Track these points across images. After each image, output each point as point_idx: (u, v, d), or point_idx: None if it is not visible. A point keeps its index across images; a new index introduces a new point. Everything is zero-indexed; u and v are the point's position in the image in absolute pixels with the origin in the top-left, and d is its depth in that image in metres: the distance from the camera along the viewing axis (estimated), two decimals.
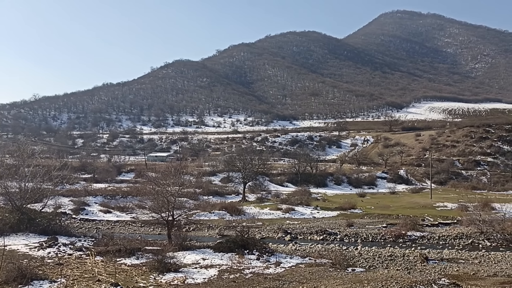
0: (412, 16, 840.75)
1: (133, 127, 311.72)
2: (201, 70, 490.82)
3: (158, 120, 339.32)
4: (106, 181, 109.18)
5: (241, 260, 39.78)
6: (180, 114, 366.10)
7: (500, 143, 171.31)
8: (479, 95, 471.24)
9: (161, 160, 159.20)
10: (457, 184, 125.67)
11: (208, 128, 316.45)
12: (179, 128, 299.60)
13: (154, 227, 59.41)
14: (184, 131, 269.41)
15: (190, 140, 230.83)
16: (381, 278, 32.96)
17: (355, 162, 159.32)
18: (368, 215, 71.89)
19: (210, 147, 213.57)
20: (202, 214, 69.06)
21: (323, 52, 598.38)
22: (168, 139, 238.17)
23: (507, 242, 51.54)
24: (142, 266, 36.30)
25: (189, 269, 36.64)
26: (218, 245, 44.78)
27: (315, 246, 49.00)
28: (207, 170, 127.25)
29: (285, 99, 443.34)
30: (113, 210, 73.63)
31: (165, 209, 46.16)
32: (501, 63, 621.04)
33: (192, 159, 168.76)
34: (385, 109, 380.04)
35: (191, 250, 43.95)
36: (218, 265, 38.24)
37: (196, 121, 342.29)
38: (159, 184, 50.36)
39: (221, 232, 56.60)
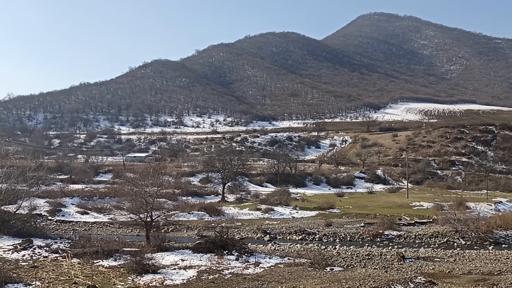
0: (389, 18, 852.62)
1: (111, 127, 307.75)
2: (180, 70, 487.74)
3: (137, 120, 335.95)
4: (83, 182, 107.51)
5: (220, 261, 39.73)
6: (159, 114, 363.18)
7: (474, 143, 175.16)
8: (454, 97, 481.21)
9: (140, 161, 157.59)
10: (433, 184, 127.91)
11: (187, 128, 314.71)
12: (157, 128, 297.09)
13: (132, 228, 58.80)
14: (162, 131, 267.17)
15: (169, 141, 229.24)
16: (359, 277, 33.36)
17: (333, 162, 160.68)
18: (346, 214, 72.63)
19: (189, 147, 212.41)
20: (181, 215, 68.63)
21: (302, 53, 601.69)
22: (147, 139, 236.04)
23: (481, 241, 52.76)
24: (120, 267, 35.90)
25: (168, 270, 36.40)
26: (197, 246, 44.61)
27: (294, 246, 49.26)
28: (186, 171, 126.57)
29: (265, 100, 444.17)
30: (90, 211, 72.60)
31: (143, 210, 45.73)
32: (475, 65, 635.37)
33: (171, 159, 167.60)
34: (363, 110, 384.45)
35: (170, 251, 43.67)
36: (197, 266, 38.09)
37: (175, 121, 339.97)
38: (137, 184, 49.85)
39: (200, 232, 56.39)
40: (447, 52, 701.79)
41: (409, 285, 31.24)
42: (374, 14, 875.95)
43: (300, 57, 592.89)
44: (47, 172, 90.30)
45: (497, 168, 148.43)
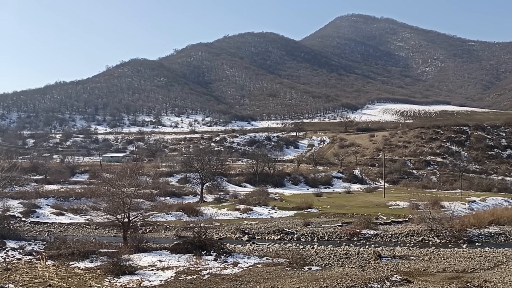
0: (366, 20, 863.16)
1: (88, 127, 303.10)
2: (158, 70, 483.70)
3: (114, 120, 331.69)
4: (58, 182, 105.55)
5: (198, 261, 39.60)
6: (137, 114, 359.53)
7: (448, 144, 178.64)
8: (429, 98, 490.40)
9: (117, 161, 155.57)
10: (409, 183, 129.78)
11: (165, 128, 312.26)
12: (135, 128, 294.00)
13: (109, 229, 58.10)
14: (140, 131, 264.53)
15: (147, 140, 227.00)
16: (337, 276, 33.71)
17: (312, 162, 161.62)
18: (324, 214, 73.17)
19: (167, 147, 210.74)
20: (159, 215, 68.12)
21: (281, 54, 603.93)
22: (124, 139, 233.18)
23: (455, 239, 53.87)
24: (97, 269, 35.47)
25: (145, 271, 36.13)
26: (175, 247, 44.39)
27: (273, 245, 49.43)
28: (164, 171, 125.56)
29: (243, 100, 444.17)
30: (66, 212, 71.33)
31: (120, 211, 45.28)
32: (450, 67, 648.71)
33: (148, 159, 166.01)
34: (341, 110, 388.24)
35: (148, 252, 43.36)
36: (175, 267, 37.89)
37: (153, 121, 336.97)
38: (115, 185, 49.33)
39: (178, 233, 56.06)
40: (423, 54, 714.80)
41: (385, 284, 31.72)
42: (351, 16, 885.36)
43: (278, 57, 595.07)
44: (21, 173, 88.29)
45: (470, 168, 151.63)
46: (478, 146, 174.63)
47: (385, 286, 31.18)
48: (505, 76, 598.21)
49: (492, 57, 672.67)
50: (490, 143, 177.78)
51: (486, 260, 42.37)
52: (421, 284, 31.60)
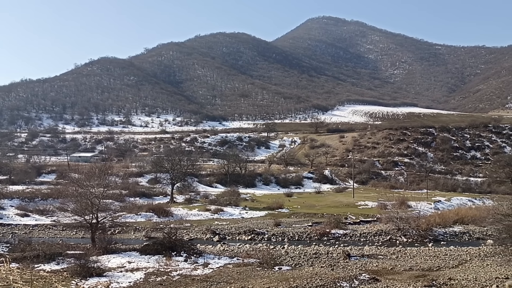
0: (337, 22, 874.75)
1: (55, 126, 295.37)
2: (128, 68, 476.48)
3: (82, 119, 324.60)
4: (24, 182, 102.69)
5: (168, 262, 39.30)
6: (106, 113, 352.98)
7: (415, 145, 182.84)
8: (397, 100, 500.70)
9: (85, 161, 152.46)
10: (377, 184, 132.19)
11: (135, 128, 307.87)
12: (104, 128, 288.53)
13: (77, 231, 56.98)
14: (110, 131, 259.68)
15: (116, 140, 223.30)
16: (307, 275, 34.04)
17: (283, 163, 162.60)
18: (295, 214, 73.71)
19: (137, 147, 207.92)
20: (128, 216, 67.21)
21: (253, 54, 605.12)
22: (93, 138, 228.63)
23: (421, 238, 55.21)
24: (63, 271, 34.73)
25: (114, 273, 35.60)
26: (145, 248, 43.91)
27: (243, 246, 49.50)
28: (134, 171, 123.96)
29: (215, 100, 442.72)
30: (31, 214, 69.46)
31: (88, 212, 44.48)
32: (417, 70, 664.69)
33: (118, 159, 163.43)
34: (312, 111, 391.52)
35: (117, 253, 42.75)
36: (144, 268, 37.49)
37: (122, 120, 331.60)
38: (83, 185, 48.43)
39: (148, 234, 55.46)
40: (391, 56, 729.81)
41: (354, 282, 32.22)
42: (322, 18, 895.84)
43: (250, 58, 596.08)
44: None
45: (436, 168, 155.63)
46: (443, 148, 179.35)
47: (353, 285, 31.68)
48: (470, 79, 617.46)
49: (457, 61, 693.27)
50: (455, 145, 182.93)
51: (451, 259, 43.56)
52: (389, 282, 32.23)
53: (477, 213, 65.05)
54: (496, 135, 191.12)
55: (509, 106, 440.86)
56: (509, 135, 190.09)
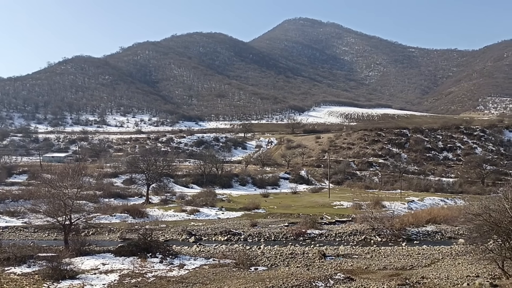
0: (313, 24, 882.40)
1: (27, 125, 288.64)
2: (103, 67, 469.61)
3: (56, 119, 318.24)
4: None
5: (143, 264, 38.90)
6: (80, 113, 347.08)
7: (390, 145, 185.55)
8: (372, 101, 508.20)
9: (58, 161, 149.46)
10: (352, 184, 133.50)
11: (110, 128, 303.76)
12: (78, 127, 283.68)
13: (49, 232, 55.82)
14: (84, 131, 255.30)
15: (91, 140, 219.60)
16: (282, 275, 34.17)
17: (259, 163, 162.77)
18: (271, 214, 73.89)
19: (112, 147, 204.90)
20: (103, 217, 66.25)
21: (230, 54, 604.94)
22: (67, 138, 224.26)
23: (395, 238, 56.11)
24: (35, 274, 33.98)
25: (88, 275, 35.03)
26: (120, 249, 43.35)
27: (220, 246, 49.36)
28: (109, 172, 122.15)
29: (191, 100, 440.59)
30: (1, 215, 67.73)
31: (61, 213, 43.65)
32: (391, 72, 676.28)
33: (92, 160, 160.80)
34: (288, 112, 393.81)
35: (90, 255, 42.09)
36: (119, 270, 37.01)
37: (97, 120, 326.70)
38: (55, 186, 47.49)
39: (122, 235, 54.77)
40: (366, 58, 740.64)
41: (329, 282, 32.50)
42: (299, 19, 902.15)
43: (227, 58, 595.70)
44: None
45: (410, 169, 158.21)
46: (417, 148, 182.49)
47: (329, 285, 31.96)
48: (442, 82, 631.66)
49: (430, 63, 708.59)
50: (428, 146, 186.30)
51: (424, 258, 44.40)
52: (363, 281, 32.62)
53: (449, 213, 66.42)
54: (467, 136, 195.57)
55: (480, 108, 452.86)
56: (480, 137, 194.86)
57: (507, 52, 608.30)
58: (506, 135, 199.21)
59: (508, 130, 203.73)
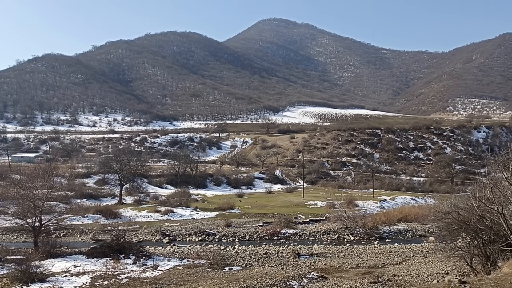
0: (288, 25, 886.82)
1: None
2: (75, 66, 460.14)
3: (25, 118, 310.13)
4: None
5: (116, 265, 38.40)
6: (51, 112, 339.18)
7: (362, 145, 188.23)
8: (346, 102, 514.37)
9: (28, 161, 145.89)
10: (326, 183, 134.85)
11: (83, 128, 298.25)
12: (49, 127, 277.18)
13: (18, 234, 54.48)
14: (55, 130, 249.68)
15: (62, 140, 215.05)
16: (257, 275, 34.28)
17: (234, 163, 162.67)
18: (246, 214, 74.00)
19: (84, 147, 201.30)
20: (74, 218, 65.08)
21: (204, 54, 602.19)
22: (37, 138, 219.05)
23: (367, 236, 56.99)
24: (3, 277, 33.17)
25: (58, 277, 34.37)
26: (92, 251, 42.70)
27: (194, 247, 49.14)
28: (81, 172, 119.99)
29: (165, 99, 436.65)
30: None
31: (31, 214, 42.67)
32: (364, 73, 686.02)
33: (64, 160, 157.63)
34: (263, 112, 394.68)
35: (61, 257, 41.30)
36: (91, 272, 36.44)
37: (69, 119, 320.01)
38: (25, 187, 46.40)
39: (95, 236, 53.92)
40: (340, 59, 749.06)
41: (303, 281, 32.79)
42: (273, 20, 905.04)
43: (202, 57, 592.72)
44: None
45: (382, 168, 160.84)
46: (389, 148, 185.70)
47: (302, 284, 32.23)
48: (413, 83, 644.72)
49: (402, 65, 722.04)
50: (400, 146, 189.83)
51: (395, 255, 45.26)
52: (336, 280, 33.02)
53: (420, 212, 67.77)
54: (437, 136, 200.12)
55: (450, 109, 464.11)
56: (449, 137, 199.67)
57: (475, 54, 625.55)
58: (474, 135, 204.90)
59: (476, 131, 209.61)
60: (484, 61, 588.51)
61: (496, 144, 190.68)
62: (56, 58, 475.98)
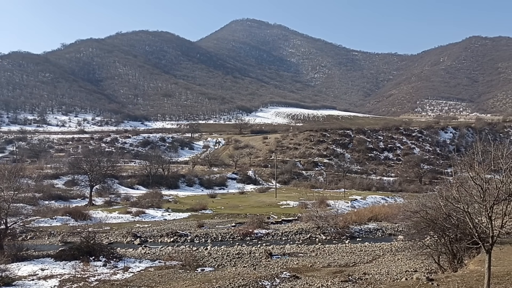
0: (260, 25, 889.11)
1: None
2: (44, 64, 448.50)
3: None
4: None
5: (86, 268, 37.69)
6: (18, 111, 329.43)
7: (334, 146, 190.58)
8: (318, 102, 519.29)
9: None
10: (299, 184, 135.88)
11: (51, 128, 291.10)
12: (16, 127, 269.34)
13: None
14: (22, 130, 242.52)
15: (30, 140, 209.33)
16: (229, 276, 34.25)
17: (207, 164, 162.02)
18: (218, 215, 73.80)
19: (53, 147, 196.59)
20: (42, 220, 63.58)
21: (176, 54, 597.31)
22: (3, 138, 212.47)
23: (339, 235, 57.72)
24: None
25: (25, 281, 33.51)
26: (60, 253, 41.80)
27: (166, 248, 48.73)
28: (49, 173, 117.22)
29: (137, 99, 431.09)
30: None
31: None
32: (335, 74, 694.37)
33: (31, 160, 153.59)
34: (236, 113, 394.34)
35: (28, 260, 40.29)
36: (59, 275, 35.66)
37: (37, 119, 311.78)
38: None
39: (64, 239, 52.79)
40: (312, 61, 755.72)
41: (275, 281, 32.94)
42: (246, 20, 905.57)
43: (174, 57, 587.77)
44: None
45: (353, 168, 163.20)
46: (359, 148, 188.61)
47: (275, 283, 32.37)
48: (383, 84, 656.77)
49: (372, 67, 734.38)
50: (370, 146, 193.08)
51: (366, 254, 45.97)
52: (308, 279, 33.30)
53: (390, 211, 68.99)
54: (406, 137, 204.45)
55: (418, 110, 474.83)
56: (418, 137, 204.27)
57: (443, 57, 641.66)
58: (442, 136, 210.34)
59: (444, 131, 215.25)
60: (451, 63, 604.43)
61: (462, 144, 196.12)
62: (23, 56, 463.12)
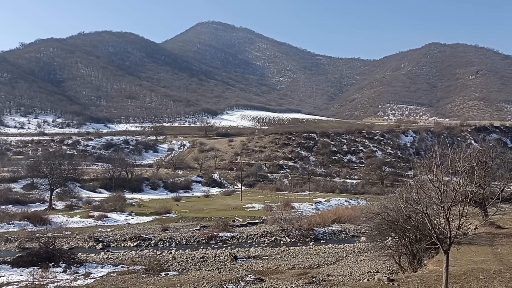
0: (226, 28, 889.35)
1: None
2: (1, 64, 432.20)
3: None
4: None
5: (45, 274, 36.57)
6: None
7: (299, 149, 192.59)
8: (283, 106, 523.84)
9: None
10: (264, 186, 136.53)
11: (9, 129, 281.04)
12: None
13: None
14: None
15: None
16: (194, 279, 34.03)
17: (171, 167, 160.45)
18: (183, 218, 73.12)
19: (10, 150, 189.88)
20: None
21: (141, 55, 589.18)
22: None
23: (303, 238, 58.25)
24: None
25: None
26: (17, 260, 40.36)
27: (129, 253, 47.89)
28: (6, 176, 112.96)
29: (100, 101, 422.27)
30: None
31: None
32: (300, 78, 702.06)
33: None
34: (201, 115, 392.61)
35: None
36: (16, 282, 34.45)
37: None
38: None
39: (21, 244, 51.01)
40: (277, 64, 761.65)
41: (240, 284, 32.95)
42: (212, 23, 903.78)
43: (138, 59, 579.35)
44: None
45: (317, 171, 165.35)
46: (323, 152, 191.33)
47: (240, 286, 32.38)
48: (347, 89, 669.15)
49: (336, 71, 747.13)
50: (334, 149, 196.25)
51: (329, 256, 46.58)
52: (273, 282, 33.46)
53: (353, 213, 70.20)
54: (369, 140, 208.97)
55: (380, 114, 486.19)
56: (380, 141, 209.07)
57: (403, 62, 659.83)
58: (403, 139, 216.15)
59: (404, 135, 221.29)
60: (412, 69, 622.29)
61: (422, 148, 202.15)
62: None
